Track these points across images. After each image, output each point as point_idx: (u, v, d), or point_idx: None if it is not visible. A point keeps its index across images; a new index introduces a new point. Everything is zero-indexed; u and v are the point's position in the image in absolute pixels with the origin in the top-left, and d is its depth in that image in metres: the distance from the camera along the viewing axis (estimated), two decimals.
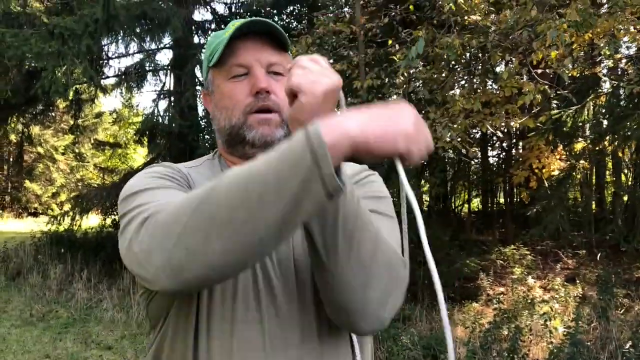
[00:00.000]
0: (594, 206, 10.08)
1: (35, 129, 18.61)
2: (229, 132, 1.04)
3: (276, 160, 0.71)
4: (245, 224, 0.71)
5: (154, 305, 0.99)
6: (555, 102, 7.14)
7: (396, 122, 0.73)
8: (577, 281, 6.91)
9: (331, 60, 6.63)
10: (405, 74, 5.74)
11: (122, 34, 8.59)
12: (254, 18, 1.02)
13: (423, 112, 5.82)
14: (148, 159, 11.40)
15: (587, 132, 7.88)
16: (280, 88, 1.01)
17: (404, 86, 6.00)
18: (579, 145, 7.63)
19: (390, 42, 5.96)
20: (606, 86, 7.58)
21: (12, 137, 19.21)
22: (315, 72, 0.83)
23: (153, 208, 0.82)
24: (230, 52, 1.01)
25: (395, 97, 6.17)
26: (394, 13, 6.39)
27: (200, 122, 9.82)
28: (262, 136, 1.01)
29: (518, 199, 10.65)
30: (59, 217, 10.47)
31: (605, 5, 6.16)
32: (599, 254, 7.79)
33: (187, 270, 0.74)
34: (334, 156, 0.69)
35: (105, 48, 10.02)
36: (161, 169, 1.01)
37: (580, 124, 7.33)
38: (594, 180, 10.49)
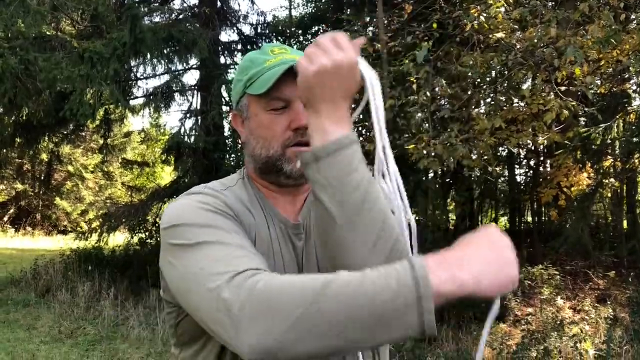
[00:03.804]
0: (625, 225, 9.84)
1: (66, 149, 19.02)
2: (264, 161, 1.06)
3: (383, 299, 0.73)
4: (341, 337, 0.74)
5: (188, 323, 1.01)
6: (583, 119, 7.03)
7: (507, 272, 0.78)
8: (608, 302, 6.73)
9: None
10: (429, 93, 5.73)
11: (149, 56, 8.77)
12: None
13: (447, 130, 5.79)
14: (174, 177, 11.55)
15: (617, 150, 7.73)
16: None
17: (428, 104, 5.99)
18: (607, 163, 7.49)
19: (406, 60, 5.98)
20: (636, 103, 7.46)
21: (44, 156, 19.68)
22: (320, 52, 0.87)
23: (258, 273, 0.81)
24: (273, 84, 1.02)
25: (419, 114, 6.16)
26: (417, 31, 6.41)
27: (226, 140, 9.93)
28: (299, 169, 1.02)
29: (546, 218, 10.47)
30: (86, 234, 10.65)
31: (634, 22, 6.09)
32: (631, 274, 7.58)
33: (278, 356, 0.75)
34: (438, 301, 0.74)
35: (134, 69, 10.25)
36: (211, 201, 1.00)
37: (610, 141, 7.20)
38: (624, 199, 10.25)
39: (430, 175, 9.33)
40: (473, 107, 6.42)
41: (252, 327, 0.75)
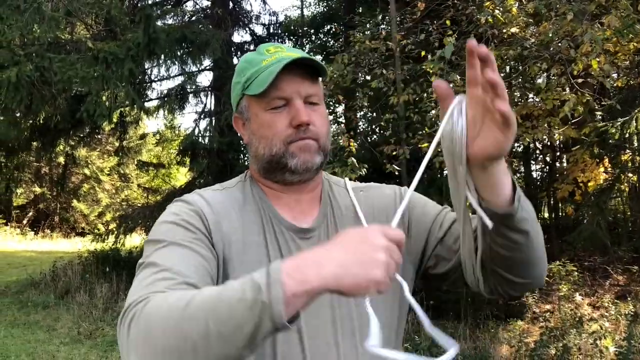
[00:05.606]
0: None
1: (82, 151, 19.21)
2: (268, 160, 1.06)
3: (234, 304, 0.72)
4: (203, 353, 0.72)
5: None
6: (599, 113, 6.94)
7: (366, 273, 0.73)
8: (629, 298, 6.63)
9: (367, 77, 6.65)
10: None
11: (163, 57, 8.82)
12: (298, 56, 1.03)
13: None
14: (190, 178, 11.62)
15: (635, 144, 7.62)
16: (316, 117, 1.06)
17: None
18: (625, 157, 7.38)
19: (423, 53, 5.93)
20: None
21: (61, 159, 19.90)
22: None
23: (145, 298, 0.82)
24: (270, 83, 1.02)
25: (433, 111, 6.12)
26: (430, 29, 6.37)
27: (241, 140, 9.96)
28: (304, 163, 1.04)
29: (563, 214, 10.36)
30: (103, 235, 10.74)
31: None
32: None
33: None
34: (293, 301, 0.72)
35: (148, 71, 10.33)
36: (183, 210, 1.03)
37: (628, 135, 7.09)
38: None
39: (445, 172, 9.28)
40: None
41: (131, 353, 0.78)
